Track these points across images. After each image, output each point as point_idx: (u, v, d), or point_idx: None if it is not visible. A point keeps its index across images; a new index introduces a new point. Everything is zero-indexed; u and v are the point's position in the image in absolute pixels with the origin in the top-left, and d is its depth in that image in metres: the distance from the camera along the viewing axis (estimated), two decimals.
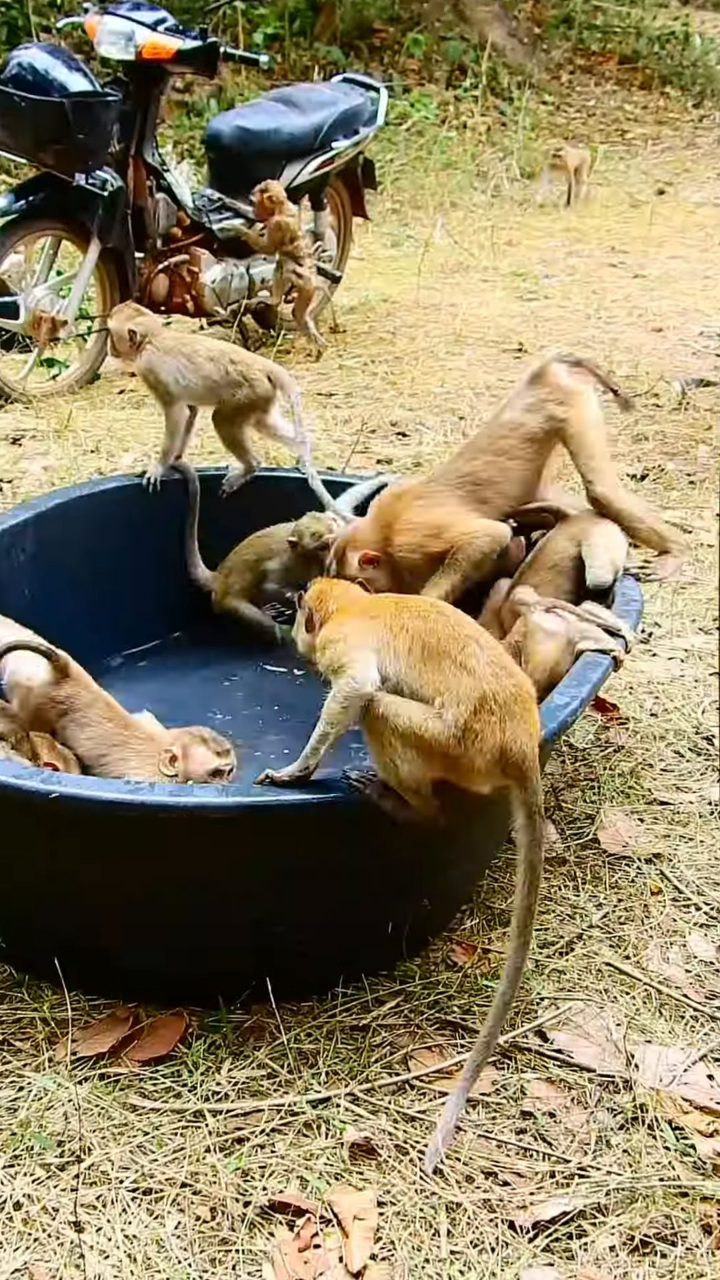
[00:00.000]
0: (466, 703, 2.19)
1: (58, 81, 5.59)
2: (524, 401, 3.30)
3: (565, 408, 3.26)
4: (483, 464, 3.27)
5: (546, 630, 2.95)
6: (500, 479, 3.26)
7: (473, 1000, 2.56)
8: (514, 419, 3.29)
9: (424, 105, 11.83)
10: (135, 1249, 2.01)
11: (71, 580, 3.47)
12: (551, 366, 3.34)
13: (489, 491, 3.26)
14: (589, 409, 3.28)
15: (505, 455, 3.27)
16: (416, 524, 3.22)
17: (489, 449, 3.28)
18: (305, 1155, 2.19)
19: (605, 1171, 2.19)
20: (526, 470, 3.29)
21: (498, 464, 3.26)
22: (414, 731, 2.22)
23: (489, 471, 3.26)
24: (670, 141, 13.47)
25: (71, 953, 2.44)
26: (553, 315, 7.63)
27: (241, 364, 3.74)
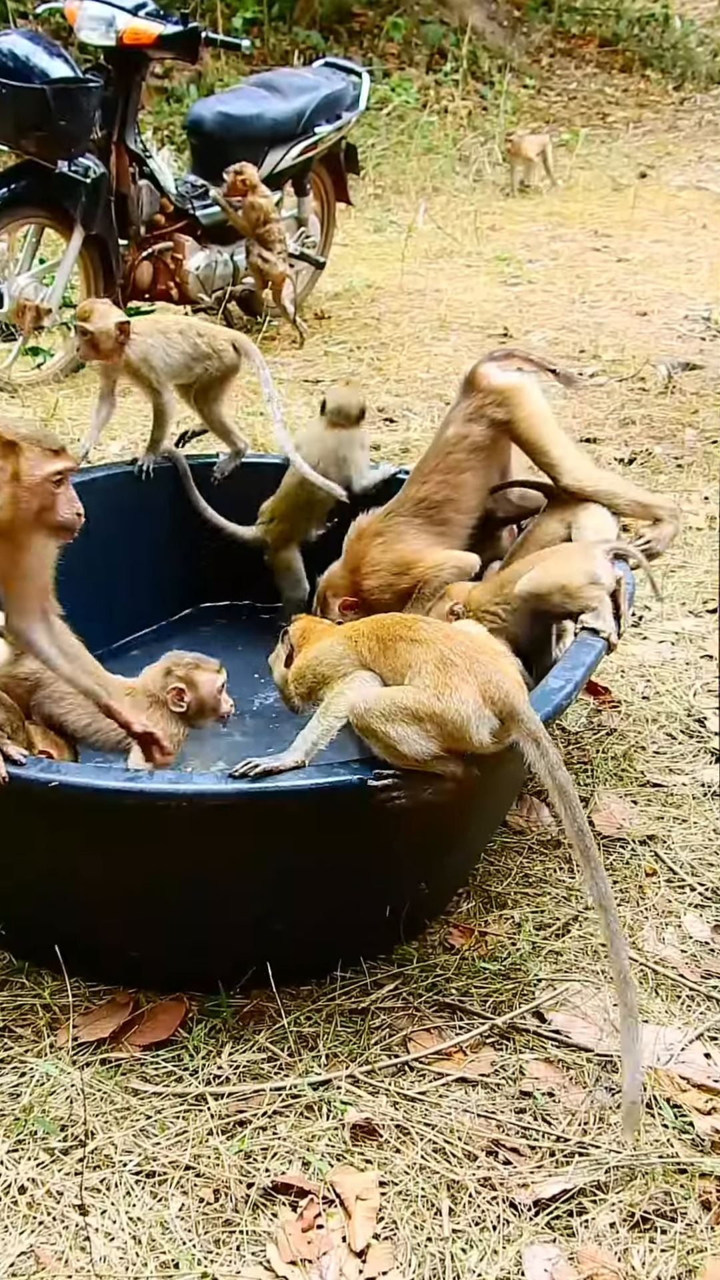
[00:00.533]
0: (429, 664, 2.33)
1: (38, 68, 5.55)
2: (463, 412, 3.27)
3: (504, 409, 3.23)
4: (434, 485, 3.25)
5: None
6: (456, 496, 3.24)
7: (470, 982, 2.58)
8: (457, 432, 3.26)
9: (404, 90, 11.79)
10: (140, 1231, 2.02)
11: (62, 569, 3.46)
12: (480, 369, 3.30)
13: (447, 511, 3.25)
14: (529, 403, 3.24)
15: (455, 471, 3.24)
16: (381, 564, 3.22)
17: (438, 469, 3.26)
18: (307, 1137, 2.21)
19: (605, 1149, 2.21)
20: (481, 479, 3.27)
21: (450, 482, 3.24)
22: (398, 708, 2.29)
23: (443, 492, 3.24)
24: (652, 124, 13.46)
25: (71, 939, 2.44)
26: (537, 300, 7.64)
27: (207, 336, 3.74)
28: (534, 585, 3.00)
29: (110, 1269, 1.97)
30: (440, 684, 2.30)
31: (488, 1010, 2.51)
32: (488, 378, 3.27)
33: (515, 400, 3.24)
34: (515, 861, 2.95)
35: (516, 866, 2.94)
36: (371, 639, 2.45)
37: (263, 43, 11.71)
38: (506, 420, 3.23)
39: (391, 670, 2.38)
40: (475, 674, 2.31)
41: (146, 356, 3.67)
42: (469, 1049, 2.42)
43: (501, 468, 3.35)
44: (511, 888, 2.86)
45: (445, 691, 2.28)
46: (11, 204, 5.60)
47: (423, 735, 2.28)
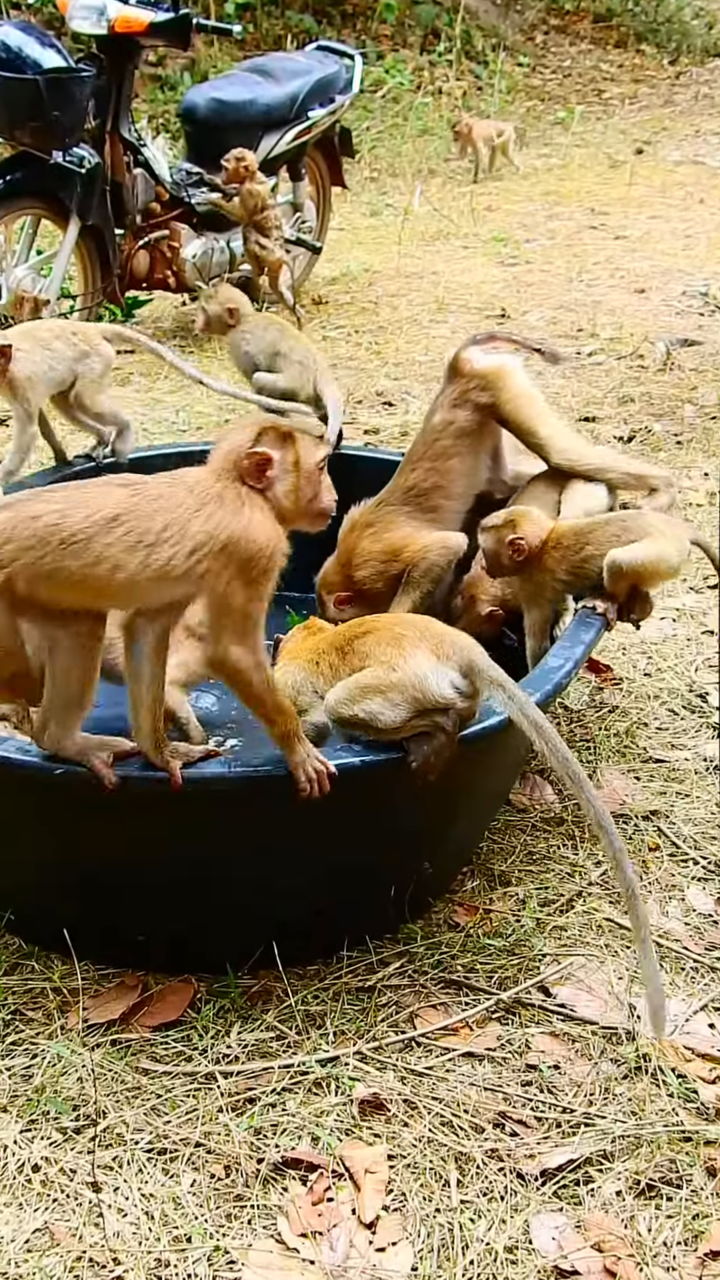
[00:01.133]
0: (381, 644, 2.44)
1: (31, 59, 5.55)
2: (447, 398, 3.28)
3: (488, 392, 3.23)
4: (422, 473, 3.26)
5: None
6: (444, 483, 3.25)
7: (475, 959, 2.60)
8: (443, 418, 3.26)
9: (398, 71, 11.76)
10: (152, 1207, 2.06)
11: None
12: (463, 354, 3.30)
13: (436, 498, 3.26)
14: (513, 384, 3.24)
15: (443, 457, 3.25)
16: (371, 554, 3.24)
17: (425, 455, 3.26)
18: (316, 1113, 2.24)
19: (610, 1120, 2.24)
20: (468, 464, 3.28)
21: (437, 469, 3.25)
22: (359, 688, 2.38)
23: (431, 479, 3.25)
24: (647, 100, 13.40)
25: (79, 924, 2.47)
26: (534, 280, 7.63)
27: (81, 334, 3.68)
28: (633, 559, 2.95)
29: (124, 1244, 2.00)
30: (393, 656, 2.39)
31: (493, 986, 2.54)
32: (470, 362, 3.28)
33: (499, 383, 3.24)
34: (519, 839, 2.98)
35: (520, 844, 2.96)
36: (332, 653, 2.54)
37: (256, 27, 11.67)
38: (491, 403, 3.24)
39: (353, 670, 2.46)
40: (426, 638, 2.41)
41: (32, 376, 3.55)
42: (475, 1024, 2.45)
43: (491, 451, 3.35)
44: (515, 865, 2.89)
45: (399, 661, 2.37)
46: (7, 196, 5.60)
47: (389, 704, 2.35)
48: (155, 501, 2.17)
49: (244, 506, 2.20)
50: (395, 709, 2.35)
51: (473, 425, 3.25)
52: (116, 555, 2.12)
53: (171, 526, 2.14)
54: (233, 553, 2.15)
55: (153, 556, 2.12)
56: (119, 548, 2.12)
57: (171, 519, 2.15)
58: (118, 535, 2.12)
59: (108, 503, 2.15)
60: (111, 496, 2.16)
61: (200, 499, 2.19)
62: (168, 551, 2.13)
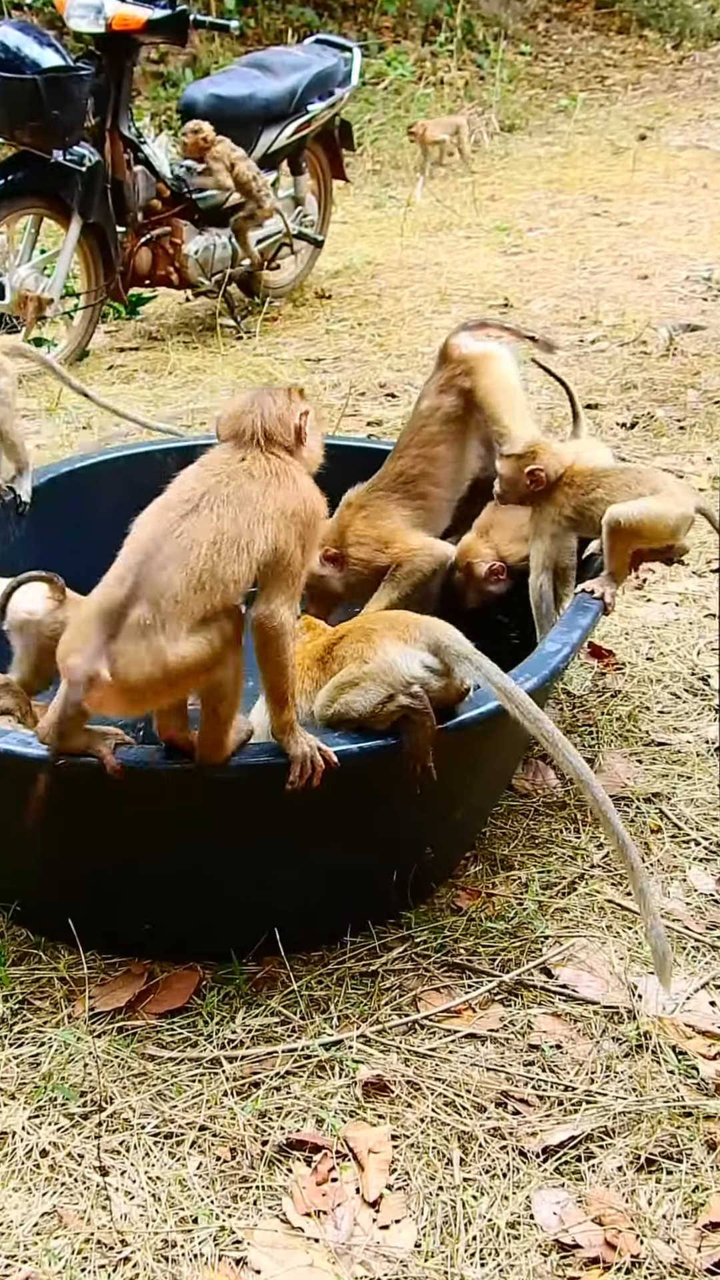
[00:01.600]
0: (352, 642, 2.48)
1: (30, 58, 5.58)
2: (435, 384, 3.30)
3: (470, 377, 3.24)
4: (410, 460, 3.27)
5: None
6: (431, 469, 3.27)
7: (478, 942, 2.63)
8: (430, 404, 3.28)
9: (400, 63, 11.75)
10: (159, 1189, 2.09)
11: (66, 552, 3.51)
12: (453, 340, 3.32)
13: (424, 485, 3.27)
14: (492, 371, 3.24)
15: (430, 444, 3.26)
16: (365, 537, 3.26)
17: (413, 442, 3.28)
18: (320, 1095, 2.26)
19: (612, 1096, 2.26)
20: (456, 451, 3.29)
21: (425, 455, 3.27)
22: (336, 686, 2.44)
23: (419, 466, 3.27)
24: (650, 85, 13.36)
25: (85, 914, 2.50)
26: (537, 268, 7.62)
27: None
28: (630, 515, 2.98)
29: (131, 1225, 2.03)
30: (364, 650, 2.43)
31: (495, 968, 2.56)
32: (459, 348, 3.29)
33: (480, 368, 3.25)
34: (521, 824, 3.00)
35: (522, 829, 2.98)
36: (314, 668, 2.56)
37: (256, 22, 11.68)
38: (470, 389, 3.25)
39: (331, 675, 2.50)
40: (393, 627, 2.45)
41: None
42: (478, 1006, 2.47)
43: (483, 439, 3.36)
44: (518, 850, 2.91)
45: (370, 653, 2.42)
46: (9, 195, 5.64)
47: (363, 692, 2.39)
48: (231, 507, 2.20)
49: (295, 474, 2.29)
50: (367, 694, 2.39)
51: (459, 411, 3.26)
52: (233, 573, 2.17)
53: (253, 521, 2.20)
54: (297, 520, 2.25)
55: (252, 554, 2.19)
56: (232, 567, 2.17)
57: (252, 515, 2.20)
58: (227, 556, 2.17)
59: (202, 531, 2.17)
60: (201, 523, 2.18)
61: (263, 481, 2.24)
62: (260, 544, 2.20)
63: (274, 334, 6.50)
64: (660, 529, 3.04)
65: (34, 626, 2.82)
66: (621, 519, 2.98)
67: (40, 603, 2.82)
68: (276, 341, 6.38)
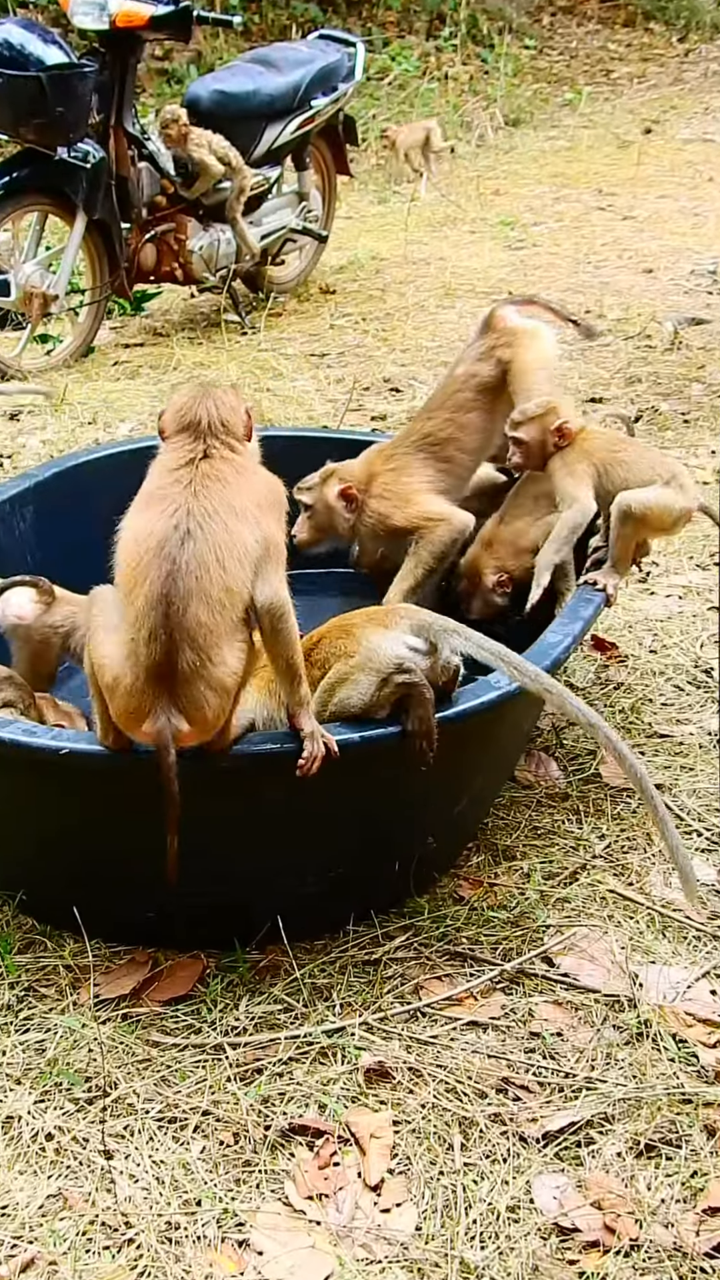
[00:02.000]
0: (335, 642, 2.51)
1: (34, 56, 5.60)
2: (475, 351, 3.32)
3: (510, 349, 3.27)
4: (440, 422, 3.29)
5: None
6: (459, 435, 3.28)
7: (480, 931, 2.65)
8: (467, 370, 3.30)
9: (405, 58, 11.74)
10: (163, 1173, 2.11)
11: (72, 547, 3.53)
12: (499, 311, 3.36)
13: (450, 450, 3.28)
14: (534, 348, 3.28)
15: (462, 410, 3.28)
16: (389, 492, 3.26)
17: (445, 405, 3.30)
18: (322, 1081, 2.29)
19: (612, 1083, 2.28)
20: (486, 421, 3.30)
21: (455, 420, 3.28)
22: (328, 685, 2.48)
23: (447, 430, 3.28)
24: (656, 79, 13.34)
25: (89, 902, 2.52)
26: (542, 263, 7.63)
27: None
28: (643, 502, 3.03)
29: (135, 1208, 2.06)
30: (347, 646, 2.48)
31: (497, 957, 2.58)
32: (504, 319, 3.33)
33: (521, 343, 3.28)
34: (524, 815, 3.02)
35: (525, 819, 3.00)
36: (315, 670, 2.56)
37: (261, 18, 11.68)
38: (509, 361, 3.27)
39: (316, 681, 2.51)
40: (371, 619, 2.52)
41: None
42: (479, 994, 2.49)
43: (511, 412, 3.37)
44: (520, 840, 2.93)
45: (353, 646, 2.46)
46: (13, 192, 5.66)
47: (357, 685, 2.43)
48: (218, 519, 2.25)
49: (250, 464, 2.37)
50: (359, 686, 2.41)
51: (494, 381, 3.28)
52: (240, 579, 2.25)
53: (240, 525, 2.26)
54: (270, 506, 2.35)
55: (249, 555, 2.26)
56: (238, 574, 2.24)
57: (237, 520, 2.26)
58: (231, 568, 2.23)
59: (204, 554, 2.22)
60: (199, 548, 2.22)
61: (233, 482, 2.30)
62: (252, 544, 2.27)
63: (278, 329, 6.52)
64: (665, 519, 3.08)
65: (24, 630, 2.86)
66: (634, 505, 3.02)
67: (29, 607, 2.86)
68: (281, 337, 6.40)
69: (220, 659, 2.22)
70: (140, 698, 2.22)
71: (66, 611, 2.87)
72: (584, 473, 3.11)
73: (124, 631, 2.24)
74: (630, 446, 3.21)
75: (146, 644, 2.20)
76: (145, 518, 2.28)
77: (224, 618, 2.23)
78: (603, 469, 3.12)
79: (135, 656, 2.22)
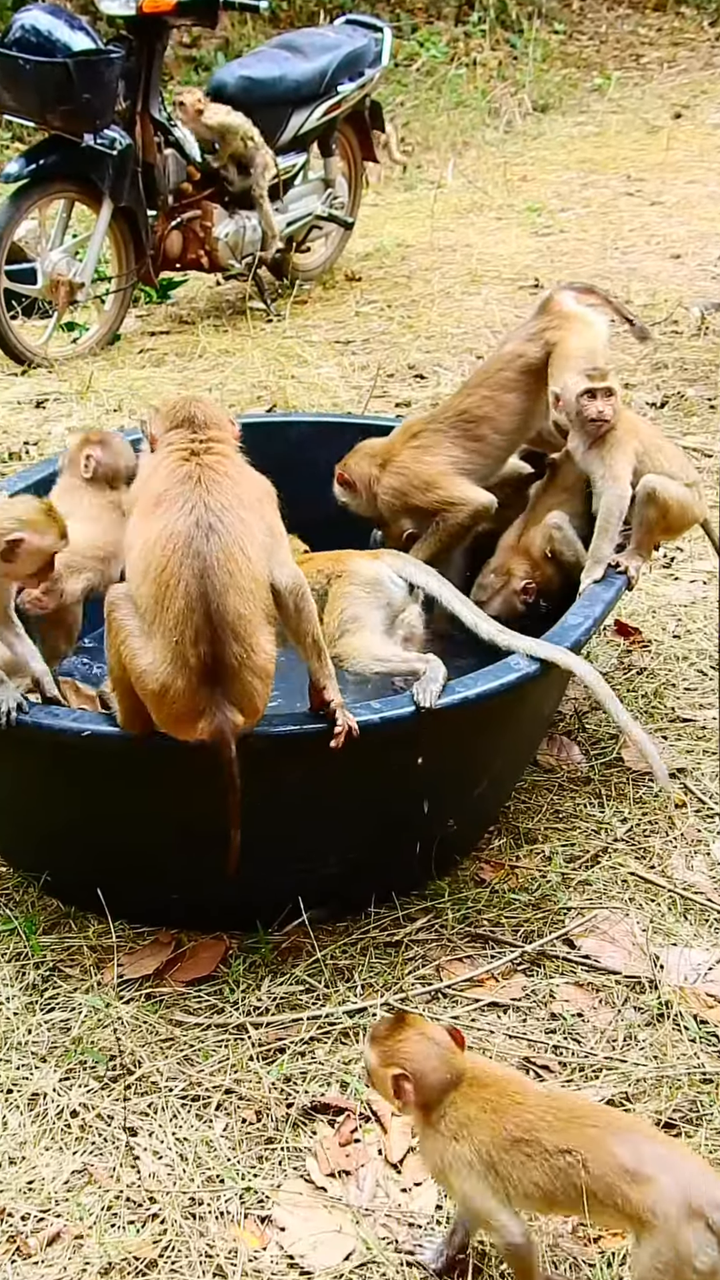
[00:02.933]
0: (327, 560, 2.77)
1: (61, 42, 5.61)
2: (526, 332, 3.32)
3: (559, 332, 3.25)
4: (479, 399, 3.27)
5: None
6: (495, 414, 3.26)
7: (501, 913, 2.65)
8: (514, 350, 3.29)
9: (433, 44, 11.68)
10: (186, 1149, 2.14)
11: None
12: (557, 295, 3.35)
13: (484, 428, 3.26)
14: (583, 335, 3.25)
15: (502, 389, 3.26)
16: (407, 471, 3.24)
17: (486, 383, 3.29)
18: (343, 1061, 2.30)
19: (632, 1064, 2.29)
20: (525, 403, 3.28)
21: (494, 399, 3.26)
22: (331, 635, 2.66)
23: (485, 407, 3.26)
24: (686, 63, 13.20)
25: (113, 884, 2.55)
26: (569, 249, 7.59)
27: None
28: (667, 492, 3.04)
29: (159, 1183, 2.08)
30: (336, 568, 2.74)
31: (518, 939, 2.59)
32: (560, 304, 3.33)
33: (571, 328, 3.27)
34: (546, 798, 3.02)
35: (547, 803, 3.00)
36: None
37: (288, 4, 11.65)
38: (555, 343, 3.26)
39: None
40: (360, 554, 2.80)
41: None
42: (500, 976, 2.50)
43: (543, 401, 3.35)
44: (542, 823, 2.93)
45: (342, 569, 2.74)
46: (40, 180, 5.67)
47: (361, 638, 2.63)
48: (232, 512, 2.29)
49: (242, 462, 2.43)
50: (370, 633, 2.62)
51: (540, 364, 3.26)
52: (261, 565, 2.31)
53: (251, 516, 2.33)
54: (267, 498, 2.42)
55: (261, 542, 2.33)
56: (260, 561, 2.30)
57: (247, 511, 2.32)
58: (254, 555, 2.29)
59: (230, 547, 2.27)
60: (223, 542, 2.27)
61: (234, 476, 2.35)
62: (261, 532, 2.34)
63: (304, 317, 6.52)
64: (682, 519, 3.12)
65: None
66: (659, 491, 3.02)
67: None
68: (306, 324, 6.40)
69: (260, 646, 2.27)
70: (193, 699, 2.23)
71: (85, 576, 2.87)
72: (630, 450, 3.09)
73: (163, 637, 2.25)
74: (669, 445, 3.23)
75: (193, 645, 2.22)
76: (161, 520, 2.28)
77: (256, 606, 2.27)
78: (645, 453, 3.11)
79: (182, 660, 2.23)
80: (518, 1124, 1.75)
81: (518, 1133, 1.74)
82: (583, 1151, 1.70)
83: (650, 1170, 1.66)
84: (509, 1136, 1.74)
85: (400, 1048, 1.84)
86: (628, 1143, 1.71)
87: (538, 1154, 1.72)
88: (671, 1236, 1.61)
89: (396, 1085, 1.83)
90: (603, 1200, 1.68)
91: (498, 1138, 1.74)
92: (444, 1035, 1.87)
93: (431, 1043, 1.85)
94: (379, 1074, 1.85)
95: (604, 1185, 1.68)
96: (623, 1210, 1.67)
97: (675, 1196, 1.62)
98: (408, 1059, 1.82)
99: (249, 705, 2.27)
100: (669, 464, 3.11)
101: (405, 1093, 1.83)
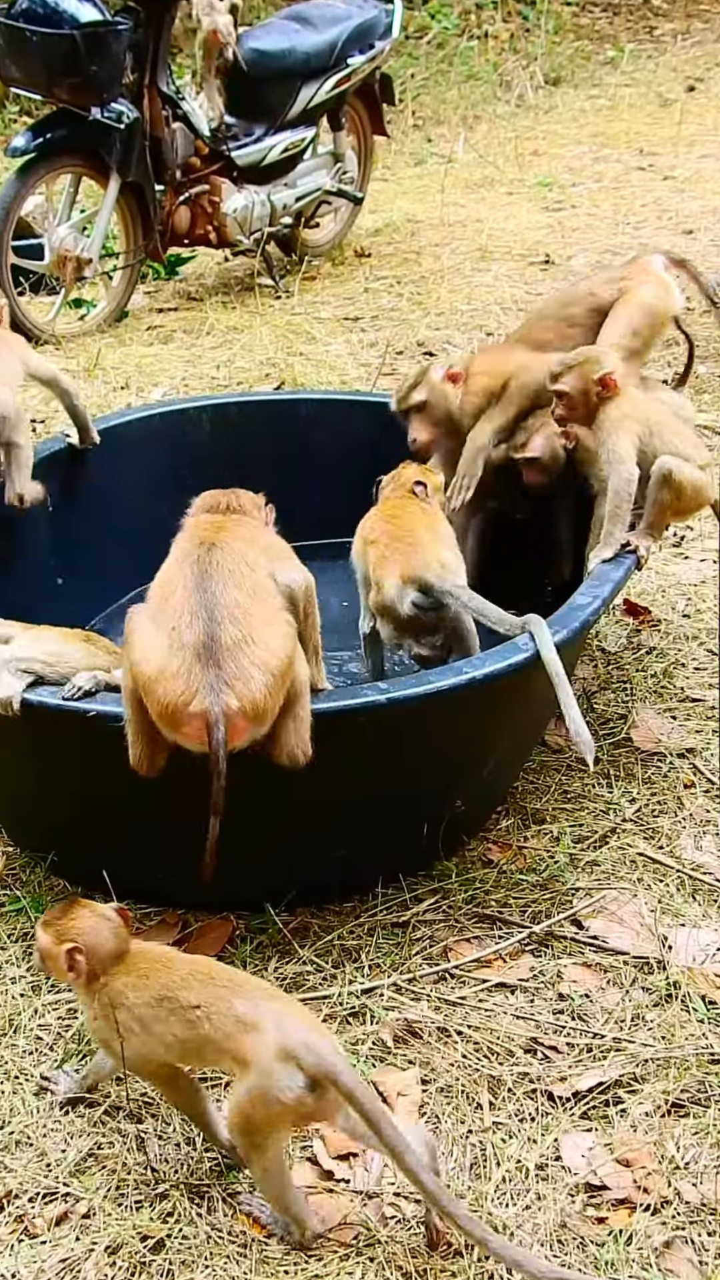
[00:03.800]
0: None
1: (68, 14, 5.55)
2: (606, 276, 3.44)
3: (631, 283, 3.33)
4: (546, 327, 3.40)
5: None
6: (559, 346, 3.29)
7: (509, 893, 2.65)
8: (589, 289, 3.42)
9: (444, 16, 11.57)
10: (192, 1133, 2.13)
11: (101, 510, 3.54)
12: (648, 255, 3.45)
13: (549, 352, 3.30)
14: (652, 295, 3.31)
15: (568, 323, 3.38)
16: (482, 369, 3.36)
17: (556, 314, 3.42)
18: (351, 1040, 2.30)
19: (640, 1044, 2.28)
20: (587, 341, 3.31)
21: (559, 330, 3.37)
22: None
23: (548, 335, 3.37)
24: (700, 35, 13.05)
25: (120, 865, 2.54)
26: (580, 224, 7.53)
27: None
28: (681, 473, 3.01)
29: (167, 1166, 2.08)
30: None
31: (526, 919, 2.58)
32: (648, 264, 3.40)
33: (644, 284, 3.34)
34: (554, 779, 3.01)
35: (555, 783, 2.99)
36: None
37: None
38: (623, 294, 3.33)
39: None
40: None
41: None
42: (508, 956, 2.50)
43: None
44: (550, 804, 2.92)
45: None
46: (47, 154, 5.63)
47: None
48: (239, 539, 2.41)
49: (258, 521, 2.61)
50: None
51: (608, 306, 3.34)
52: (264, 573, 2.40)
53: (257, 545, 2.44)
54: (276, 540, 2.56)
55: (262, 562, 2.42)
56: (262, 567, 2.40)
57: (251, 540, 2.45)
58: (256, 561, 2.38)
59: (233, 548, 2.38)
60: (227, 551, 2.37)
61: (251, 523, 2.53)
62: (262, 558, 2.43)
63: (312, 293, 6.47)
64: (694, 500, 3.08)
65: None
66: (675, 473, 2.98)
67: None
68: (315, 300, 6.36)
69: (262, 638, 2.27)
70: (187, 678, 2.22)
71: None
72: (632, 429, 3.02)
73: (163, 626, 2.29)
74: (683, 426, 3.18)
75: (189, 625, 2.25)
76: (171, 558, 2.43)
77: (259, 602, 2.31)
78: (652, 429, 3.05)
79: (178, 639, 2.25)
80: (163, 984, 1.99)
81: (164, 993, 1.98)
82: (209, 1005, 1.94)
83: (260, 1020, 1.91)
84: (155, 995, 1.99)
85: (73, 925, 2.05)
86: (248, 999, 1.95)
87: (176, 1009, 1.96)
88: (264, 1073, 1.87)
89: (70, 958, 2.02)
90: (220, 1047, 1.93)
91: (146, 997, 1.99)
92: (112, 913, 2.09)
93: (102, 919, 2.07)
94: (52, 952, 2.05)
95: (222, 1033, 1.93)
96: (234, 1055, 1.92)
97: (274, 1040, 1.88)
98: (80, 934, 2.03)
99: (245, 692, 2.22)
100: (682, 444, 3.07)
101: (79, 964, 2.02)
